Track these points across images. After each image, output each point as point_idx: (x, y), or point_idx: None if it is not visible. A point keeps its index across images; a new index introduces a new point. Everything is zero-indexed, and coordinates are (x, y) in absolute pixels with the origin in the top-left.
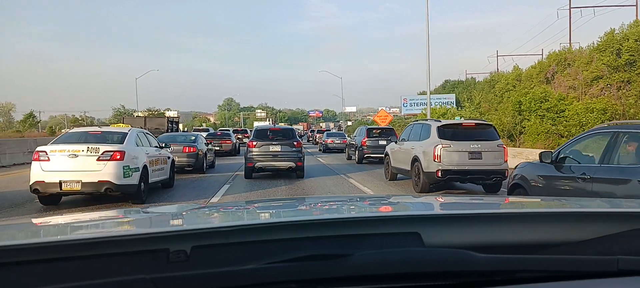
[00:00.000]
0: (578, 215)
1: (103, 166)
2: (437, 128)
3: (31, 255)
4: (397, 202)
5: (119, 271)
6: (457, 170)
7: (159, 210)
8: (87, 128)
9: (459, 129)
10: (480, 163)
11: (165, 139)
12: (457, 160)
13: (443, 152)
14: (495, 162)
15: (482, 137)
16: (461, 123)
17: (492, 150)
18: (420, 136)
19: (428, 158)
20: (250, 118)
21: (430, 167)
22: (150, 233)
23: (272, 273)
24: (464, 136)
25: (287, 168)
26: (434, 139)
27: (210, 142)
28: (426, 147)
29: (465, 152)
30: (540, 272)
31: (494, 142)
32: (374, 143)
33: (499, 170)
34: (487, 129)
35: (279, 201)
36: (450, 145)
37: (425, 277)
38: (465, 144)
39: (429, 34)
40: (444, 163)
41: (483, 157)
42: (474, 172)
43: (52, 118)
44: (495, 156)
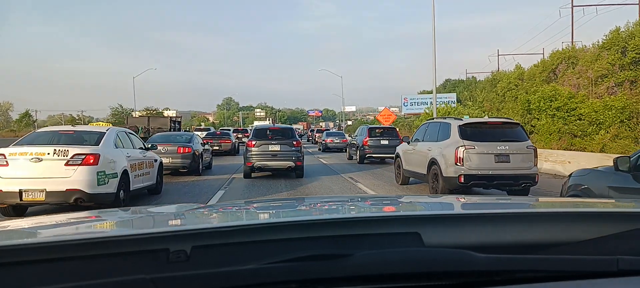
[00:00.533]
0: (578, 215)
1: (72, 172)
2: (458, 127)
3: (31, 255)
4: (397, 202)
5: (119, 271)
6: (481, 175)
7: (159, 210)
8: (58, 127)
9: (484, 128)
10: (507, 168)
11: (159, 139)
12: (481, 164)
13: (466, 154)
14: (525, 166)
15: (510, 137)
16: (486, 121)
17: (520, 152)
18: (439, 136)
19: (448, 162)
20: (250, 117)
21: (451, 171)
22: (150, 233)
23: (272, 273)
24: (489, 136)
25: (286, 167)
26: (455, 139)
27: (207, 141)
28: (446, 148)
29: (490, 154)
30: (540, 272)
31: (522, 143)
32: (375, 143)
33: (528, 175)
34: (514, 128)
35: (279, 201)
36: (474, 146)
37: (425, 277)
38: (490, 145)
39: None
40: (466, 167)
41: (511, 160)
42: (500, 177)
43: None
44: (524, 159)
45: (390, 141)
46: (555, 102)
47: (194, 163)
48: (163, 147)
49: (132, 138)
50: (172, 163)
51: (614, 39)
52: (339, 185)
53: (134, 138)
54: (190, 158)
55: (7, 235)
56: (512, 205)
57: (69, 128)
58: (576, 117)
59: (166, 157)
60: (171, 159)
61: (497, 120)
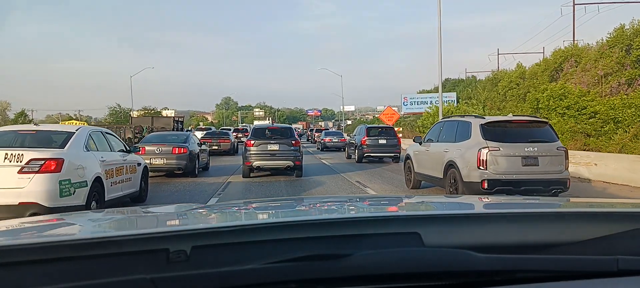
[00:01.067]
0: (578, 215)
1: (28, 181)
2: (480, 126)
3: (31, 255)
4: (397, 202)
5: (119, 271)
6: (507, 180)
7: (159, 210)
8: (19, 126)
9: (509, 128)
10: (536, 171)
11: (154, 139)
12: (508, 168)
13: (490, 156)
14: (555, 170)
15: (538, 137)
16: (511, 120)
17: (550, 154)
18: (457, 136)
19: (469, 165)
20: (249, 117)
21: (473, 175)
22: (150, 233)
23: (272, 273)
24: (515, 137)
25: (285, 167)
26: (477, 139)
27: (205, 141)
28: (466, 150)
29: (518, 156)
30: (540, 272)
31: (552, 144)
32: (373, 142)
33: (559, 180)
34: (542, 127)
35: (279, 201)
36: (499, 148)
37: (425, 277)
38: (517, 147)
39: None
40: (491, 171)
41: (540, 162)
42: (528, 183)
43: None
44: (555, 161)
45: (388, 140)
46: (565, 101)
47: (190, 164)
48: (157, 148)
49: (110, 139)
50: (166, 164)
51: (619, 37)
52: (338, 184)
53: (113, 139)
54: (186, 159)
55: (7, 235)
56: (512, 205)
57: (30, 127)
58: (588, 115)
59: (160, 158)
60: (166, 160)
61: (524, 118)
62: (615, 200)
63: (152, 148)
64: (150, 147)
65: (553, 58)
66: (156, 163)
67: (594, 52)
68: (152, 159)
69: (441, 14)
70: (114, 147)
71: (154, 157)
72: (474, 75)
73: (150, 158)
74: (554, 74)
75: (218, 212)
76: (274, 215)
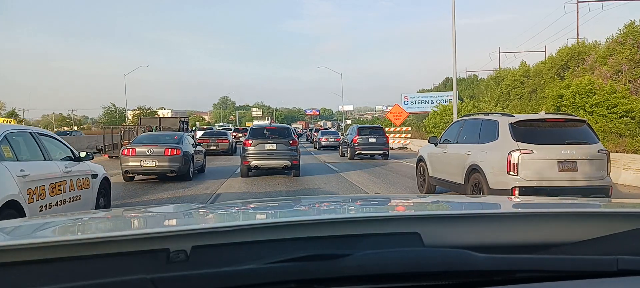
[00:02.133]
0: (578, 215)
1: None
2: (509, 125)
3: (31, 255)
4: (396, 201)
5: (119, 271)
6: (542, 187)
7: (159, 210)
8: None
9: (542, 128)
10: (574, 177)
11: (145, 139)
12: (542, 173)
13: (522, 160)
14: (596, 176)
15: (575, 138)
16: (544, 118)
17: (591, 157)
18: (481, 137)
19: (497, 170)
20: (246, 116)
21: (502, 182)
22: (150, 233)
23: (272, 273)
24: (550, 138)
25: (283, 166)
26: (506, 140)
27: (202, 141)
28: (493, 152)
29: (553, 160)
30: (540, 272)
31: (593, 146)
32: (364, 141)
33: (601, 187)
34: (580, 126)
35: (279, 201)
36: (532, 150)
37: (425, 277)
38: (553, 149)
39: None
40: (522, 176)
41: (578, 167)
42: (566, 190)
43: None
44: (596, 166)
45: (377, 139)
46: (594, 97)
47: (184, 166)
48: (149, 149)
49: (47, 142)
50: (158, 166)
51: (630, 33)
52: (328, 176)
53: (51, 142)
54: (180, 161)
55: (7, 235)
56: (512, 205)
57: None
58: (619, 114)
59: (152, 160)
60: (157, 162)
61: (559, 116)
62: (615, 200)
63: (143, 149)
64: (141, 148)
65: (559, 56)
66: (147, 165)
67: (603, 49)
68: (142, 161)
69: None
70: (52, 154)
71: (144, 158)
72: (475, 74)
73: (141, 161)
74: (560, 71)
75: (218, 212)
76: (274, 215)
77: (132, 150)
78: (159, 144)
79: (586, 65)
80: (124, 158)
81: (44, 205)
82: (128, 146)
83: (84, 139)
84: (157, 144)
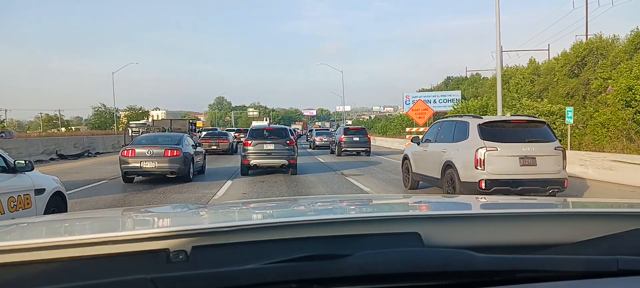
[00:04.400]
0: (578, 215)
1: None
2: (478, 126)
3: (31, 255)
4: (396, 201)
5: (119, 271)
6: (505, 180)
7: (159, 210)
8: None
9: (507, 128)
10: (534, 171)
11: (145, 140)
12: (505, 167)
13: (488, 156)
14: (553, 170)
15: (536, 137)
16: (509, 120)
17: (548, 154)
18: (454, 136)
19: (467, 165)
20: (242, 117)
21: (471, 175)
22: (150, 233)
23: (272, 273)
24: (512, 137)
25: (281, 165)
26: (474, 139)
27: (203, 141)
28: (464, 150)
29: (515, 156)
30: (540, 272)
31: (551, 144)
32: (349, 139)
33: (557, 180)
34: (540, 127)
35: (279, 201)
36: (496, 148)
37: (425, 277)
38: (515, 147)
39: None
40: (488, 171)
41: (538, 162)
42: (526, 182)
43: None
44: (553, 162)
45: (360, 138)
46: None
47: (184, 167)
48: (148, 150)
49: None
50: (158, 168)
51: None
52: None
53: None
54: (180, 162)
55: (7, 235)
56: (512, 205)
57: None
58: None
59: (152, 161)
60: (157, 163)
61: (521, 118)
62: (615, 200)
63: (143, 150)
64: (141, 149)
65: (574, 52)
66: (147, 166)
67: (626, 44)
68: (142, 162)
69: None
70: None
71: (144, 160)
72: (477, 73)
73: (141, 162)
74: (574, 68)
75: (218, 212)
76: (274, 215)
77: (131, 152)
78: (158, 145)
79: (607, 61)
80: (123, 160)
81: None
82: (128, 147)
83: (25, 143)
84: (157, 145)
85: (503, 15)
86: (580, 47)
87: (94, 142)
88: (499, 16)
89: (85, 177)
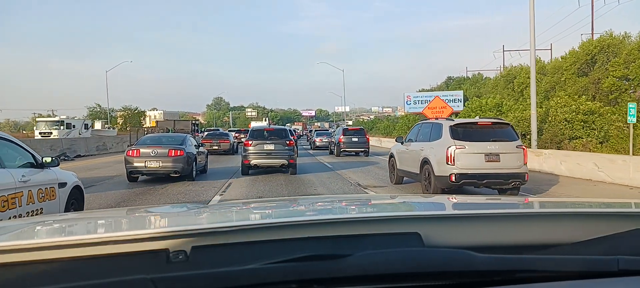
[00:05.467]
0: (578, 215)
1: None
2: (449, 127)
3: (32, 255)
4: (396, 201)
5: (119, 271)
6: (472, 174)
7: (159, 210)
8: None
9: (474, 129)
10: (498, 167)
11: (149, 141)
12: (472, 163)
13: (457, 153)
14: (515, 165)
15: (500, 137)
16: (476, 122)
17: (510, 151)
18: (431, 136)
19: (440, 161)
20: (241, 117)
21: (443, 170)
22: (150, 233)
23: (272, 274)
24: (479, 136)
25: (280, 165)
26: (446, 139)
27: (205, 142)
28: (437, 148)
29: (481, 153)
30: (540, 272)
31: (512, 143)
32: (348, 140)
33: (518, 174)
34: (504, 128)
35: (279, 201)
36: (464, 146)
37: (425, 277)
38: (481, 145)
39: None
40: (458, 166)
41: (501, 159)
42: (491, 176)
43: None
44: (514, 158)
45: (359, 139)
46: None
47: (187, 167)
48: (153, 150)
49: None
50: (162, 167)
51: None
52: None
53: (9, 147)
54: (183, 161)
55: (7, 235)
56: (512, 205)
57: None
58: None
59: (156, 161)
60: (161, 163)
61: (487, 120)
62: (615, 200)
63: (147, 150)
64: (146, 149)
65: (583, 50)
66: (152, 166)
67: (638, 41)
68: (147, 162)
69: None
70: (5, 161)
71: (149, 159)
72: (480, 73)
73: (146, 161)
74: (584, 66)
75: (218, 212)
76: (274, 215)
77: (136, 151)
78: (162, 145)
79: (619, 59)
80: (128, 159)
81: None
82: (133, 147)
83: None
84: (161, 145)
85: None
86: (591, 44)
87: (75, 144)
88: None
89: None
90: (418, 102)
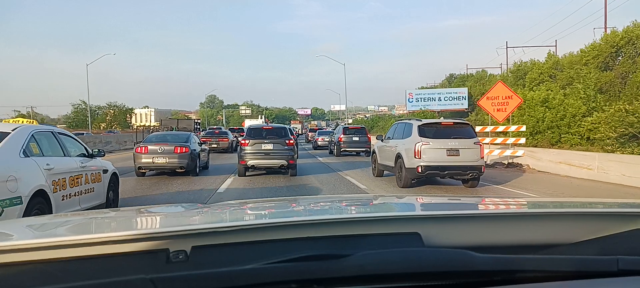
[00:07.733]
0: (578, 215)
1: None
2: (418, 127)
3: (31, 255)
4: (396, 202)
5: (119, 271)
6: (436, 166)
7: (159, 210)
8: None
9: (438, 128)
10: (457, 160)
11: (156, 138)
12: (436, 157)
13: (423, 149)
14: (472, 159)
15: (460, 135)
16: (440, 122)
17: (469, 147)
18: (403, 134)
19: (410, 155)
20: (234, 116)
21: (412, 163)
22: (150, 233)
23: (272, 274)
24: (442, 134)
25: (280, 166)
26: (415, 137)
27: (204, 140)
28: (408, 144)
29: (443, 149)
30: (540, 272)
31: (470, 140)
32: (348, 139)
33: (475, 166)
34: (464, 127)
35: (279, 201)
36: (429, 142)
37: (425, 277)
38: (443, 142)
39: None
40: (423, 159)
41: (460, 154)
42: (452, 168)
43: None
44: (472, 153)
45: (360, 138)
46: None
47: (192, 163)
48: (160, 147)
49: (66, 141)
50: (169, 163)
51: None
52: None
53: (69, 141)
54: (188, 158)
55: (7, 235)
56: (512, 205)
57: None
58: None
59: (163, 157)
60: (168, 159)
61: (450, 121)
62: (615, 200)
63: (155, 147)
64: (153, 146)
65: (606, 42)
66: (159, 162)
67: None
68: (154, 158)
69: None
70: (70, 151)
71: (156, 156)
72: (484, 70)
73: (153, 158)
74: (607, 59)
75: (218, 212)
76: (274, 215)
77: (145, 148)
78: (169, 142)
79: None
80: (137, 156)
81: (65, 195)
82: (141, 144)
83: None
84: (168, 143)
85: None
86: (616, 36)
87: None
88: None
89: None
90: (421, 99)
